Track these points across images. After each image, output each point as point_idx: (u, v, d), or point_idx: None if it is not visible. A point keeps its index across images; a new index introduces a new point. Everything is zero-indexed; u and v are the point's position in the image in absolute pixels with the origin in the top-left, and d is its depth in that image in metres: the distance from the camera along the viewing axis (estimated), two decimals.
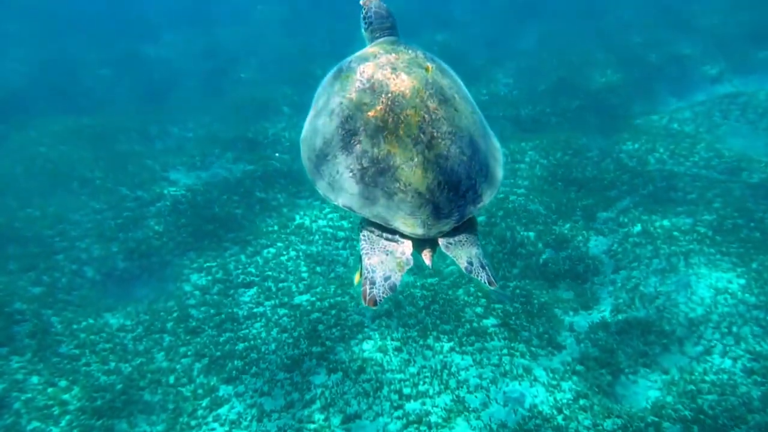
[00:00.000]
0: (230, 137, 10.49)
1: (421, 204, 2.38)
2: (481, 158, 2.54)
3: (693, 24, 12.59)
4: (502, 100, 11.41)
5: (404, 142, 2.39)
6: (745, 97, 9.30)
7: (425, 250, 2.52)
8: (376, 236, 2.51)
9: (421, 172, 2.38)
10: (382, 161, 2.39)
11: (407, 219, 2.41)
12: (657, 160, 8.53)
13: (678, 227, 7.11)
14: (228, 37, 14.84)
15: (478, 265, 2.46)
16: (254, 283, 7.38)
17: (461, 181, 2.46)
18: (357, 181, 2.44)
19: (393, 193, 2.39)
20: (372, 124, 2.45)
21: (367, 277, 2.38)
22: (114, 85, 11.76)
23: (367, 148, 2.42)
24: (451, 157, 2.43)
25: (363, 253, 2.48)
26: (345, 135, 2.48)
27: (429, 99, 2.48)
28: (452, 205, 2.43)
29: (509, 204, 8.46)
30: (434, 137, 2.41)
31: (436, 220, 2.42)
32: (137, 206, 8.24)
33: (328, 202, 2.66)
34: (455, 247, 2.48)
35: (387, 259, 2.43)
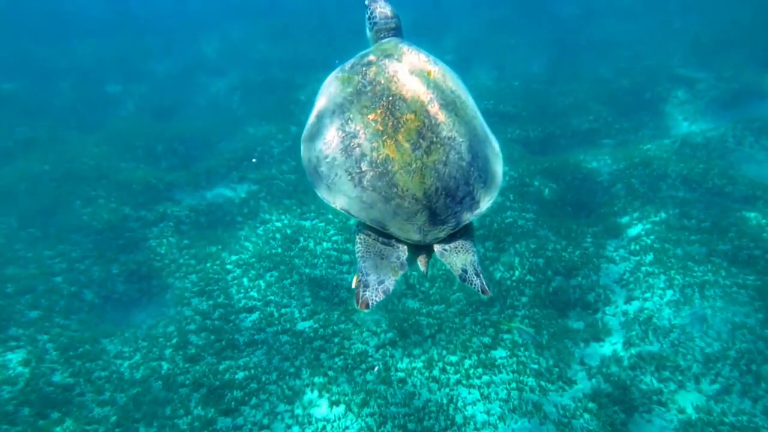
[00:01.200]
0: (236, 156, 10.41)
1: (418, 210, 2.36)
2: (480, 164, 2.52)
3: (703, 49, 12.48)
4: (512, 121, 11.29)
5: (403, 147, 2.36)
6: (759, 123, 9.12)
7: (421, 256, 2.51)
8: (372, 240, 2.49)
9: (419, 177, 2.35)
10: (380, 165, 2.36)
11: (404, 224, 2.39)
12: (669, 186, 8.35)
13: (692, 257, 6.90)
14: (237, 55, 14.89)
15: (473, 272, 2.42)
16: (256, 308, 7.22)
17: (459, 187, 2.43)
18: (355, 184, 2.41)
19: (390, 198, 2.37)
20: (372, 127, 2.42)
21: (361, 280, 2.35)
22: (122, 102, 11.75)
23: (366, 151, 2.39)
24: (450, 164, 2.40)
25: (358, 256, 2.47)
26: (345, 137, 2.45)
27: (430, 103, 2.46)
28: (449, 212, 2.41)
29: (518, 229, 8.28)
30: (433, 143, 2.39)
31: (432, 226, 2.40)
32: (140, 226, 8.13)
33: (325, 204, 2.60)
34: (450, 253, 2.46)
35: (382, 263, 2.40)
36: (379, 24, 3.02)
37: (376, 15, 3.04)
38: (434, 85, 2.56)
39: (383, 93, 2.48)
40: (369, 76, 2.56)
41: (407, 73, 2.55)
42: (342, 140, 2.48)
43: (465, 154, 2.48)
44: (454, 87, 2.67)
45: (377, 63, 2.62)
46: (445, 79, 2.66)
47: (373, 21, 3.04)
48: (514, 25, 16.48)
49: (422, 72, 2.59)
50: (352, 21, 3.37)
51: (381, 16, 3.03)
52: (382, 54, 2.70)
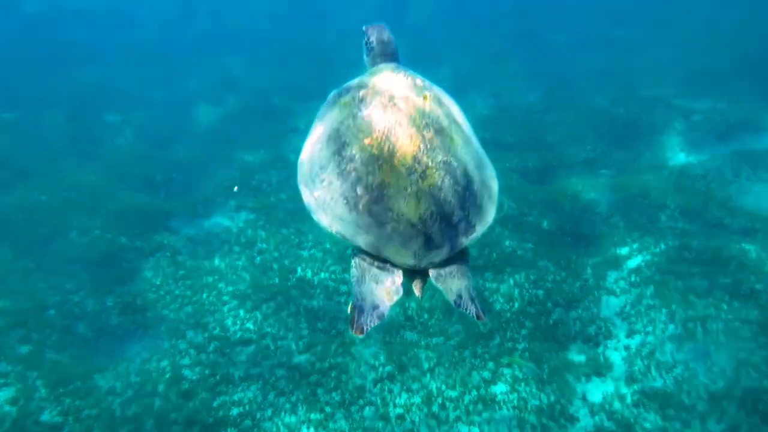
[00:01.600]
0: (234, 184, 10.40)
1: (413, 234, 2.37)
2: (475, 189, 2.53)
3: (697, 80, 12.64)
4: (509, 150, 11.33)
5: (399, 172, 2.37)
6: (756, 155, 9.17)
7: (416, 281, 2.51)
8: (368, 264, 2.49)
9: (415, 202, 2.36)
10: (376, 190, 2.38)
11: (399, 249, 2.39)
12: (668, 217, 8.34)
13: (693, 290, 6.84)
14: (238, 83, 15.02)
15: (468, 297, 2.41)
16: (252, 341, 7.10)
17: (454, 212, 2.44)
18: (350, 208, 2.42)
19: (385, 222, 2.38)
20: (368, 151, 2.43)
21: (356, 305, 2.35)
22: (121, 130, 11.79)
23: (362, 175, 2.41)
24: (445, 188, 2.41)
25: (353, 281, 2.47)
26: (341, 161, 2.47)
27: (425, 128, 2.48)
28: (444, 236, 2.41)
29: (517, 259, 8.23)
30: (429, 167, 2.40)
31: (427, 250, 2.40)
32: (136, 257, 8.06)
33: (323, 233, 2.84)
34: (445, 278, 2.45)
35: (377, 287, 2.40)
36: (376, 49, 3.08)
37: (373, 40, 3.10)
38: (430, 109, 2.59)
39: (378, 118, 2.50)
40: (365, 101, 2.60)
41: (403, 98, 2.58)
42: (338, 164, 2.49)
43: (461, 179, 2.49)
44: (449, 111, 2.70)
45: (373, 87, 2.66)
46: (440, 104, 2.69)
47: (370, 46, 3.11)
48: (510, 55, 16.71)
49: (418, 96, 2.62)
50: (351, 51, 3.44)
51: (378, 42, 3.09)
52: (379, 79, 2.74)
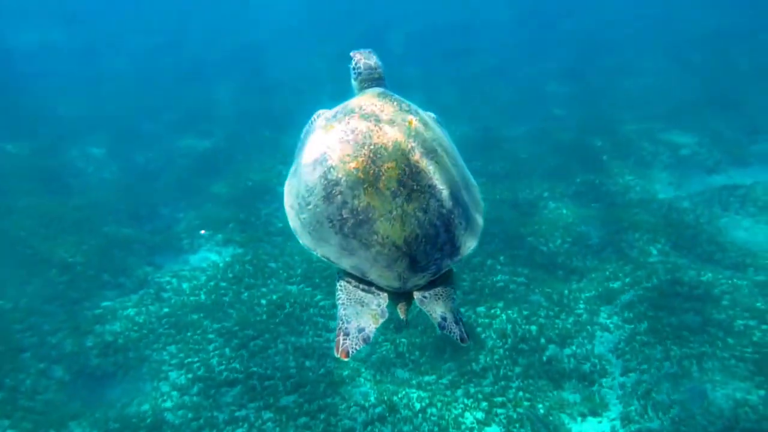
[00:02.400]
0: (221, 218, 10.25)
1: (398, 257, 2.40)
2: (460, 212, 2.56)
3: (683, 114, 12.84)
4: (500, 182, 11.36)
5: (383, 195, 2.41)
6: (744, 190, 9.25)
7: (401, 304, 2.54)
8: (353, 287, 2.51)
9: (399, 225, 2.39)
10: (361, 213, 2.41)
11: (383, 271, 2.42)
12: (659, 251, 8.32)
13: (687, 326, 6.76)
14: (225, 115, 15.01)
15: (452, 320, 2.44)
16: (238, 381, 6.86)
17: (439, 234, 2.47)
18: (336, 231, 2.45)
19: (370, 245, 2.40)
20: (353, 175, 2.46)
21: (341, 327, 2.37)
22: (106, 164, 11.63)
23: (348, 199, 2.44)
24: (430, 211, 2.44)
25: (339, 303, 2.49)
26: (326, 185, 2.50)
27: (410, 152, 2.51)
28: (429, 259, 2.44)
29: (509, 293, 8.13)
30: (414, 190, 2.43)
31: (412, 273, 2.43)
32: (117, 294, 7.83)
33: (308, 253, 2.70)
34: (430, 300, 2.48)
35: (362, 310, 2.43)
36: (363, 74, 3.13)
37: (361, 65, 3.15)
38: (415, 133, 2.61)
39: (365, 142, 2.52)
40: (351, 125, 2.62)
41: (389, 122, 2.61)
42: (324, 188, 2.51)
43: (446, 202, 2.51)
44: (435, 135, 2.72)
45: (359, 112, 2.68)
46: (426, 128, 2.72)
47: (357, 71, 3.16)
48: (500, 87, 16.95)
49: (404, 121, 2.64)
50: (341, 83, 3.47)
51: (365, 67, 3.14)
52: (365, 103, 2.77)
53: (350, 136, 2.58)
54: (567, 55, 18.83)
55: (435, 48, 20.69)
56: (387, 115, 2.68)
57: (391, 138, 2.55)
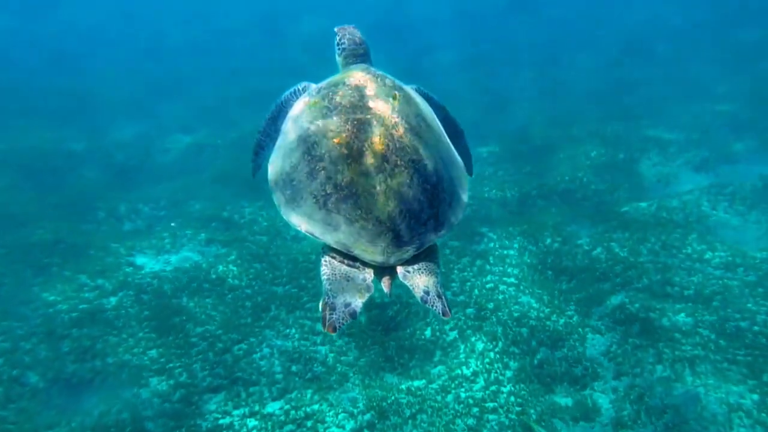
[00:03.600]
0: (204, 216, 9.98)
1: (382, 231, 2.41)
2: (445, 187, 2.57)
3: (670, 111, 12.83)
4: (488, 180, 11.24)
5: (367, 170, 2.42)
6: (732, 188, 9.23)
7: (385, 278, 2.53)
8: (338, 262, 2.51)
9: (383, 199, 2.40)
10: (345, 188, 2.42)
11: (368, 246, 2.42)
12: (649, 251, 8.25)
13: (678, 328, 6.70)
14: (208, 106, 14.65)
15: (435, 294, 2.44)
16: (222, 387, 6.66)
17: (423, 209, 2.48)
18: (320, 207, 2.46)
19: (354, 220, 2.41)
20: (336, 151, 2.47)
21: (327, 302, 2.36)
22: (85, 160, 11.23)
23: (331, 174, 2.45)
24: (414, 186, 2.45)
25: (324, 278, 2.48)
26: (310, 161, 2.51)
27: (394, 127, 2.53)
28: (413, 233, 2.46)
29: (499, 295, 8.02)
30: (397, 165, 2.45)
31: (396, 247, 2.44)
32: (96, 297, 7.53)
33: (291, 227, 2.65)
34: (413, 275, 2.48)
35: (348, 285, 2.43)
36: (347, 50, 3.16)
37: (345, 41, 3.18)
38: (399, 109, 2.62)
39: (348, 117, 2.54)
40: (335, 101, 2.63)
41: (373, 98, 2.63)
42: (308, 164, 2.52)
43: (430, 177, 2.52)
44: (419, 111, 2.74)
45: (343, 88, 2.70)
46: (410, 104, 2.73)
47: (341, 47, 3.18)
48: (489, 84, 16.81)
49: (388, 96, 2.65)
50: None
51: (350, 43, 3.17)
52: (349, 79, 2.78)
53: (334, 111, 2.59)
54: (549, 50, 18.79)
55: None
56: (371, 91, 2.67)
57: (375, 113, 2.56)
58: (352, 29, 3.25)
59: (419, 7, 22.66)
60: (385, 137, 2.49)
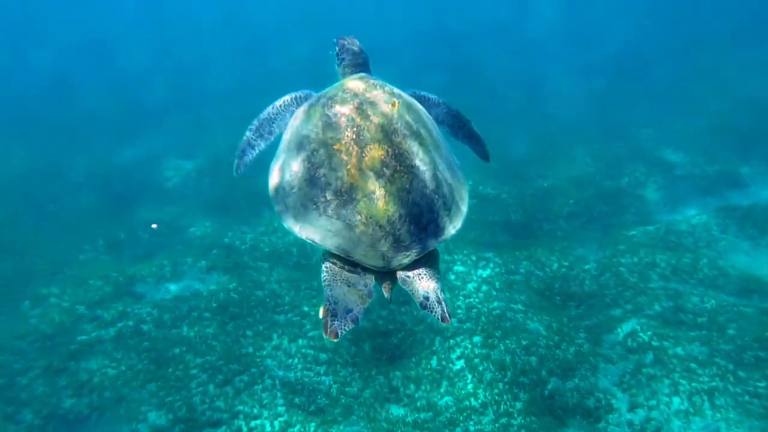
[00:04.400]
0: (205, 243, 9.83)
1: (382, 236, 2.41)
2: (444, 192, 2.59)
3: (674, 134, 12.75)
4: (492, 203, 11.10)
5: (367, 176, 2.43)
6: (742, 212, 9.09)
7: (385, 283, 2.53)
8: (339, 268, 2.51)
9: (383, 205, 2.40)
10: (344, 194, 2.43)
11: (368, 251, 2.42)
12: (660, 276, 8.08)
13: (694, 357, 6.49)
14: (211, 130, 14.59)
15: (435, 299, 2.44)
16: (222, 422, 6.44)
17: (423, 214, 2.48)
18: (320, 213, 2.47)
19: (354, 225, 2.41)
20: (336, 157, 2.48)
21: (329, 309, 2.35)
22: (84, 188, 11.13)
23: (331, 181, 2.46)
24: (414, 191, 2.46)
25: (325, 285, 2.48)
26: (310, 168, 2.53)
27: (394, 133, 2.53)
28: (413, 238, 2.45)
29: (507, 322, 7.82)
30: (397, 171, 2.45)
31: (396, 252, 2.44)
32: (94, 328, 7.35)
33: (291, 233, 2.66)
34: (413, 280, 2.49)
35: (349, 291, 2.43)
36: (346, 60, 3.18)
37: (344, 51, 3.20)
38: (399, 116, 2.62)
39: (348, 124, 2.54)
40: (334, 109, 2.64)
41: (372, 105, 2.63)
42: (308, 171, 2.54)
43: (429, 182, 2.53)
44: (418, 118, 2.74)
45: (343, 96, 2.71)
46: (409, 111, 2.73)
47: (341, 57, 3.20)
48: (491, 110, 16.77)
49: (387, 103, 2.66)
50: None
51: (349, 52, 3.19)
52: (348, 87, 2.79)
53: (334, 119, 2.59)
54: (553, 73, 18.83)
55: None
56: (370, 98, 2.68)
57: (374, 120, 2.56)
58: (351, 39, 3.28)
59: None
60: (384, 143, 2.50)
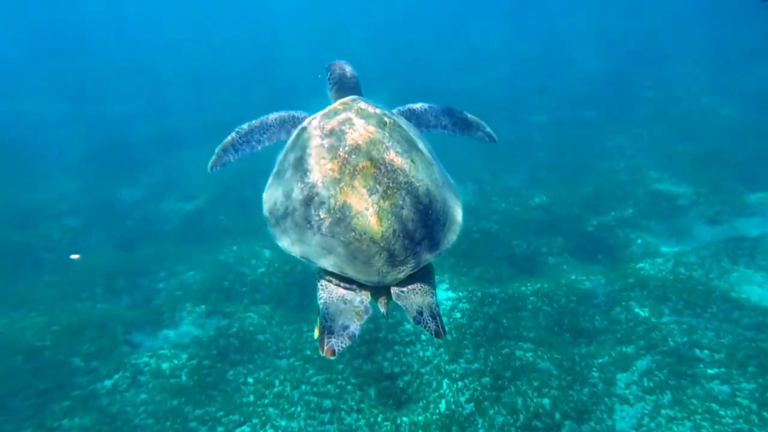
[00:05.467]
0: (204, 288, 9.63)
1: (377, 252, 2.41)
2: (438, 207, 2.60)
3: (676, 163, 12.69)
4: (494, 238, 10.95)
5: (359, 193, 2.45)
6: (751, 242, 8.91)
7: (381, 298, 2.53)
8: (334, 285, 2.53)
9: (376, 220, 2.41)
10: (338, 212, 2.44)
11: (362, 267, 2.43)
12: (672, 310, 7.86)
13: (715, 397, 6.22)
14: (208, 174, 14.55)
15: (428, 314, 2.42)
16: None
17: (417, 229, 2.49)
18: (314, 232, 2.49)
19: (349, 242, 2.42)
20: (329, 176, 2.50)
21: (325, 326, 2.35)
22: (82, 235, 10.99)
23: (324, 199, 2.48)
24: (407, 206, 2.47)
25: (321, 302, 2.48)
26: (303, 188, 2.55)
27: (385, 151, 2.57)
28: (407, 253, 2.45)
29: (516, 361, 7.56)
30: (390, 187, 2.47)
31: (391, 267, 2.44)
32: (89, 381, 7.09)
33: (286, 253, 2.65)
34: (407, 295, 2.48)
35: (345, 308, 2.43)
36: (339, 84, 3.24)
37: (336, 75, 3.27)
38: (390, 134, 2.66)
39: (340, 143, 2.58)
40: (326, 129, 2.68)
41: (364, 125, 2.67)
42: (301, 191, 2.56)
43: (422, 198, 2.54)
44: (410, 137, 2.77)
45: (335, 116, 2.76)
46: (401, 129, 2.76)
47: (333, 81, 3.27)
48: None
49: (379, 123, 2.70)
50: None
51: (340, 77, 3.26)
52: (341, 108, 2.85)
53: (326, 139, 2.63)
54: (554, 103, 18.96)
55: None
56: (361, 118, 2.72)
57: (365, 138, 2.59)
58: (342, 64, 3.34)
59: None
60: (376, 160, 2.53)
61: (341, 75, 3.29)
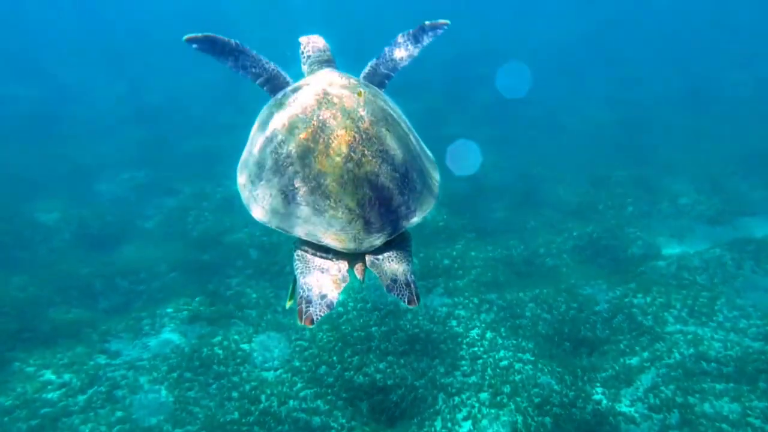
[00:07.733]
0: (187, 291, 9.15)
1: (352, 219, 2.41)
2: (414, 176, 2.59)
3: (676, 160, 12.38)
4: (490, 237, 10.58)
5: (334, 161, 2.41)
6: (755, 245, 8.62)
7: (357, 265, 2.52)
8: (311, 255, 2.52)
9: (352, 188, 2.40)
10: (313, 180, 2.42)
11: (338, 234, 2.42)
12: (676, 319, 7.55)
13: (724, 416, 5.93)
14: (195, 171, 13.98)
15: (403, 282, 2.42)
16: None
17: (393, 197, 2.48)
18: (289, 201, 2.48)
19: (324, 210, 2.42)
20: (303, 145, 2.47)
21: (303, 296, 2.37)
22: (57, 231, 10.40)
23: (299, 169, 2.45)
24: (383, 174, 2.45)
25: (298, 272, 2.50)
26: (278, 158, 2.52)
27: (360, 120, 2.52)
28: (384, 220, 2.45)
29: (515, 375, 7.22)
30: (365, 155, 2.44)
31: (367, 234, 2.43)
32: (61, 396, 6.63)
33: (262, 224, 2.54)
34: (382, 263, 2.48)
35: (323, 277, 2.44)
36: (312, 57, 3.17)
37: (309, 49, 3.19)
38: (365, 103, 2.61)
39: (314, 114, 2.53)
40: (299, 100, 2.64)
41: (338, 95, 2.61)
42: (275, 161, 2.53)
43: (398, 166, 2.51)
44: (385, 106, 2.73)
45: (308, 88, 2.71)
46: (376, 99, 2.71)
47: (306, 54, 3.19)
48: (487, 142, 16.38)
49: (353, 93, 2.65)
50: None
51: (314, 50, 3.18)
52: (313, 79, 2.81)
53: (299, 109, 2.58)
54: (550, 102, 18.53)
55: None
56: (336, 88, 2.67)
57: (340, 107, 2.55)
58: (316, 37, 3.28)
59: None
60: (351, 129, 2.47)
61: (314, 48, 3.21)
